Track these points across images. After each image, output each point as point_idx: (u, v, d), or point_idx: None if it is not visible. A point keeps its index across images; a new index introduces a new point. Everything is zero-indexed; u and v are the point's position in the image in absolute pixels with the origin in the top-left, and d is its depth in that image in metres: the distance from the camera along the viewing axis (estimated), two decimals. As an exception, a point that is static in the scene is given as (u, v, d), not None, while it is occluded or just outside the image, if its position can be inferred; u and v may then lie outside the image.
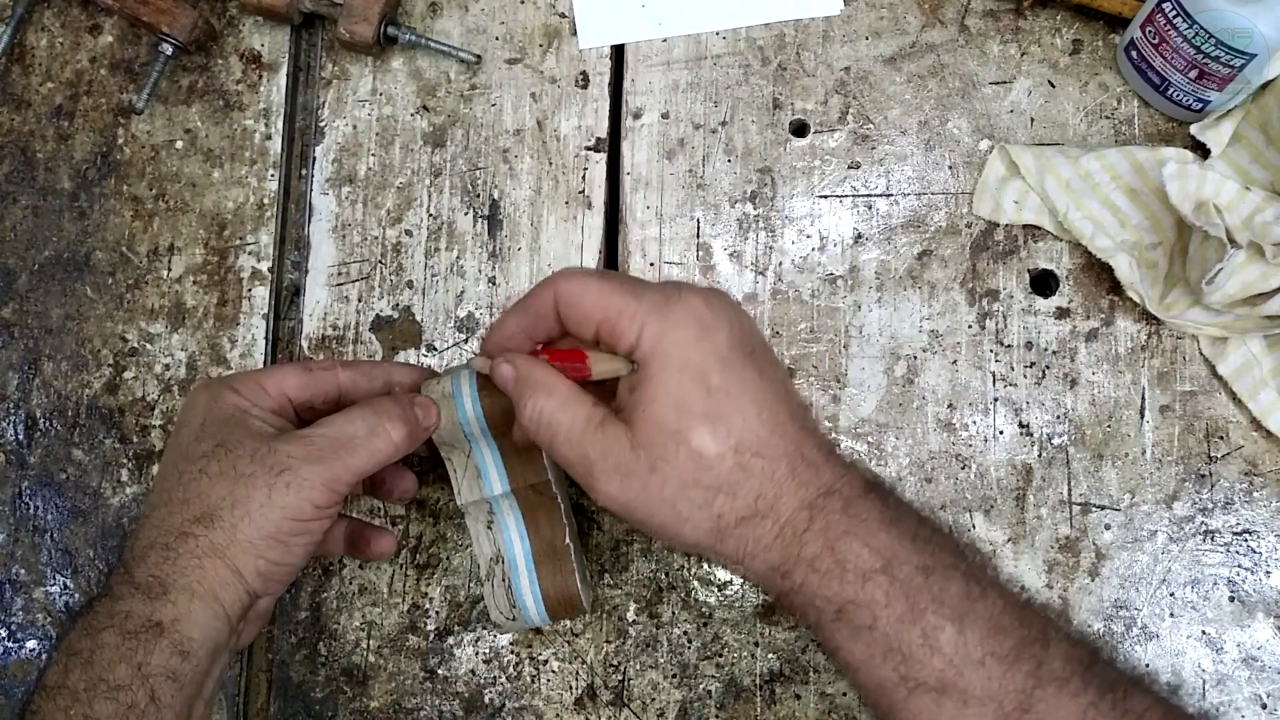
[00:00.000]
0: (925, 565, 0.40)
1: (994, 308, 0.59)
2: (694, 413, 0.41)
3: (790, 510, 0.42)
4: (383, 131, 0.62)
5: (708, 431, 0.41)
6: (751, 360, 0.43)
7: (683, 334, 0.42)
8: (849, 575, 0.40)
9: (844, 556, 0.40)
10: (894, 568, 0.40)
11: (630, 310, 0.42)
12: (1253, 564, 0.56)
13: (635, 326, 0.42)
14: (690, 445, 0.41)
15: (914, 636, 0.39)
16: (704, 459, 0.41)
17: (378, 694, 0.57)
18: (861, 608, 0.40)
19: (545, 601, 0.51)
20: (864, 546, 0.40)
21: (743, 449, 0.42)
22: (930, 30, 0.62)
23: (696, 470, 0.41)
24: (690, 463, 0.41)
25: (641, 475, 0.42)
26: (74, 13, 0.64)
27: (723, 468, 0.41)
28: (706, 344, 0.42)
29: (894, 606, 0.40)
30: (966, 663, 0.39)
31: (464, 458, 0.51)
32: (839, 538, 0.41)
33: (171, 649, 0.42)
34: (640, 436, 0.42)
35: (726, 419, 0.42)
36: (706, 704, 0.56)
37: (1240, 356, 0.57)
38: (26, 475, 0.59)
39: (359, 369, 0.51)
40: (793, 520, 0.41)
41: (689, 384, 0.42)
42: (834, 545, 0.41)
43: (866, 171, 0.61)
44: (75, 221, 0.61)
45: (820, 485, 0.42)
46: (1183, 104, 0.58)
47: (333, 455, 0.45)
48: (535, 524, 0.51)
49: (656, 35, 0.63)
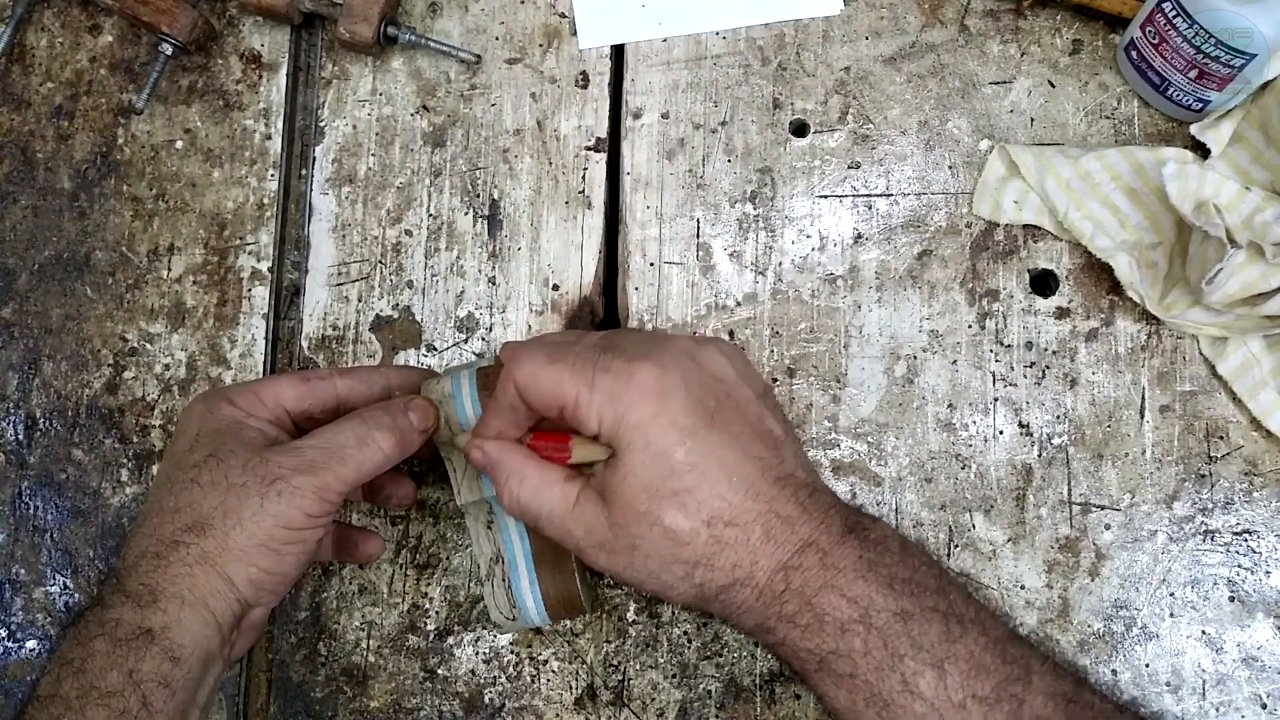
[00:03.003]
0: (903, 610, 0.41)
1: (994, 308, 0.59)
2: (662, 493, 0.42)
3: (767, 574, 0.42)
4: (383, 131, 0.62)
5: (678, 510, 0.42)
6: (714, 422, 0.43)
7: (640, 413, 0.42)
8: (827, 628, 0.41)
9: (822, 610, 0.41)
10: (871, 616, 0.41)
11: (584, 399, 0.43)
12: (1253, 564, 0.56)
13: (594, 415, 0.43)
14: (664, 524, 0.42)
15: (894, 683, 0.40)
16: (678, 536, 0.42)
17: (377, 694, 0.57)
18: (841, 658, 0.41)
19: (545, 601, 0.51)
20: (841, 598, 0.41)
21: (714, 521, 0.42)
22: (930, 30, 0.62)
23: (674, 547, 0.42)
24: (666, 540, 0.42)
25: (624, 552, 0.43)
26: (74, 13, 0.64)
27: (698, 542, 0.42)
28: (665, 418, 0.42)
29: (872, 655, 0.40)
30: (947, 706, 0.39)
31: (463, 458, 0.51)
32: (816, 593, 0.41)
33: (162, 656, 0.42)
34: (616, 517, 0.43)
35: (695, 493, 0.42)
36: (706, 704, 0.56)
37: (1240, 356, 0.57)
38: (26, 475, 0.59)
39: (357, 376, 0.51)
40: (770, 584, 0.42)
41: (653, 465, 0.42)
42: (811, 601, 0.41)
43: (866, 171, 0.61)
44: (75, 221, 0.62)
45: (796, 541, 0.42)
46: (1183, 104, 0.58)
47: (323, 465, 0.45)
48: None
49: (656, 35, 0.63)
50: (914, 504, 0.58)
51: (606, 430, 0.43)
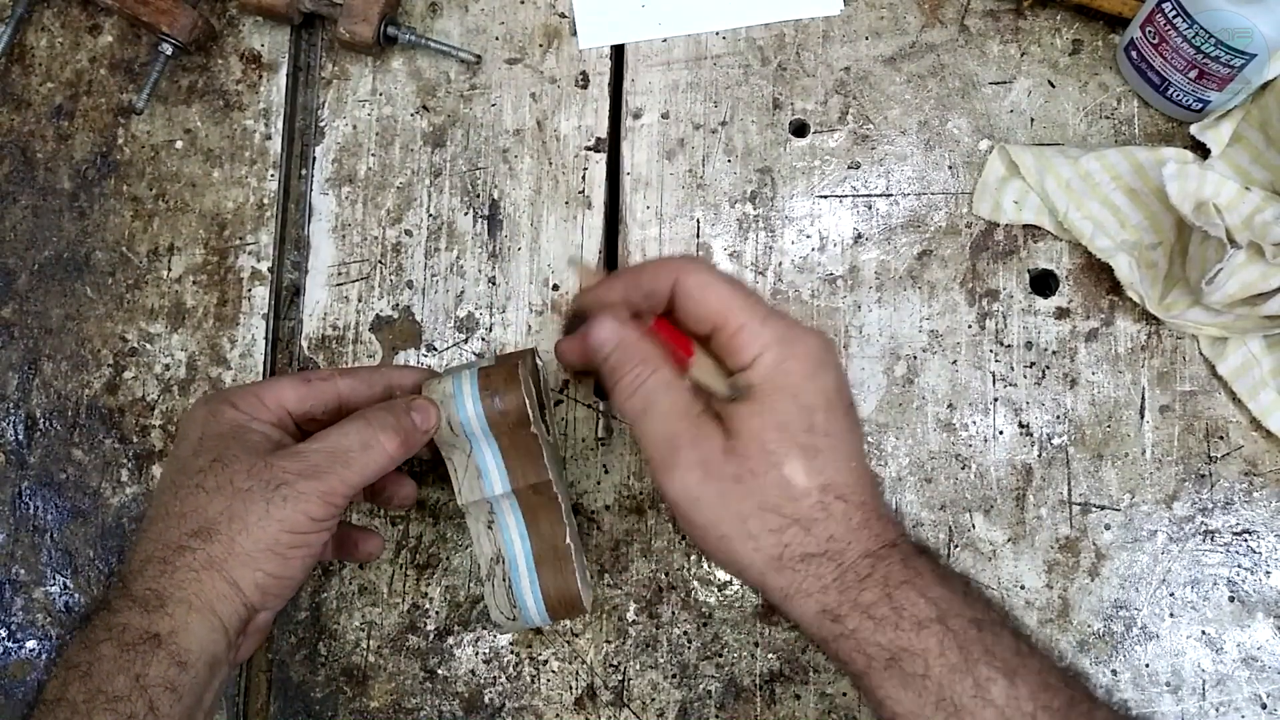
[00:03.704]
0: (978, 619, 0.41)
1: (994, 308, 0.59)
2: (796, 441, 0.42)
3: (855, 556, 0.42)
4: (383, 131, 0.62)
5: (802, 464, 0.42)
6: (850, 411, 0.44)
7: (800, 367, 0.43)
8: (905, 623, 0.41)
9: (901, 605, 0.41)
10: (948, 619, 0.41)
11: (755, 329, 0.43)
12: (1252, 564, 0.56)
13: (757, 346, 0.43)
14: (782, 471, 0.42)
15: (966, 687, 0.39)
16: (791, 487, 0.42)
17: (377, 694, 0.57)
18: (915, 656, 0.40)
19: (546, 601, 0.51)
20: (920, 597, 0.41)
21: (828, 490, 0.42)
22: (930, 30, 0.62)
23: (780, 497, 0.42)
24: (777, 488, 0.42)
25: (725, 481, 0.42)
26: (74, 13, 0.64)
27: (806, 502, 0.42)
28: (818, 384, 0.43)
29: (948, 656, 0.40)
30: (1018, 715, 0.39)
31: (465, 457, 0.51)
32: (897, 587, 0.41)
33: (169, 660, 0.42)
34: (737, 445, 0.42)
35: (822, 455, 0.42)
36: (706, 704, 0.56)
37: (1240, 356, 0.57)
38: (26, 475, 0.59)
39: (358, 376, 0.51)
40: (855, 565, 0.42)
41: (796, 414, 0.42)
42: (891, 594, 0.41)
43: (866, 171, 0.61)
44: (75, 221, 0.62)
45: (886, 539, 0.43)
46: (1183, 104, 0.58)
47: (328, 470, 0.45)
48: (536, 524, 0.51)
49: (656, 35, 0.63)
50: (914, 504, 0.58)
51: (763, 366, 0.43)
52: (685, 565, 0.57)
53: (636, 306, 0.46)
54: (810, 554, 0.42)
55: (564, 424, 0.59)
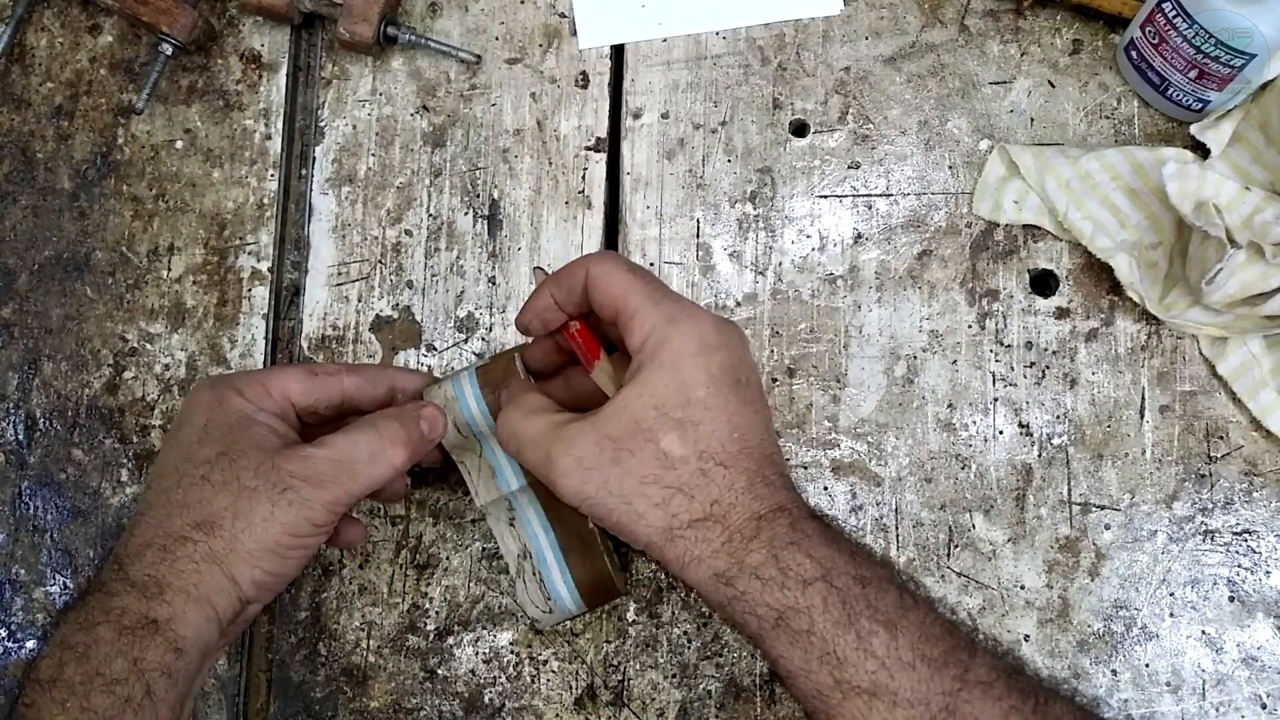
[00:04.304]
0: (862, 576, 0.42)
1: (994, 308, 0.59)
2: (670, 417, 0.44)
3: (741, 519, 0.43)
4: (382, 131, 0.62)
5: (677, 435, 0.43)
6: (738, 388, 0.45)
7: (681, 345, 0.44)
8: (790, 582, 0.42)
9: (787, 565, 0.42)
10: (833, 576, 0.42)
11: (644, 313, 0.45)
12: (1252, 564, 0.56)
13: (644, 329, 0.45)
14: (659, 444, 0.43)
15: (849, 640, 0.41)
16: (669, 458, 0.43)
17: (377, 694, 0.57)
18: (800, 613, 0.41)
19: (580, 589, 0.51)
20: (806, 557, 0.42)
21: (706, 457, 0.44)
22: (930, 30, 0.62)
23: (659, 468, 0.43)
24: (654, 460, 0.43)
25: (603, 468, 0.44)
26: (74, 13, 0.64)
27: (685, 470, 0.43)
28: (700, 361, 0.44)
29: (831, 612, 0.41)
30: (897, 665, 0.40)
31: (476, 458, 0.51)
32: (783, 548, 0.42)
33: (166, 646, 0.43)
34: (612, 429, 0.44)
35: (699, 428, 0.44)
36: (706, 704, 0.56)
37: (1240, 356, 0.57)
38: (26, 475, 0.59)
39: (364, 374, 0.51)
40: (741, 528, 0.43)
41: (673, 391, 0.44)
42: (778, 554, 0.42)
43: (866, 171, 0.61)
44: (75, 221, 0.62)
45: (773, 503, 0.44)
46: (1182, 104, 0.58)
47: (333, 479, 0.46)
48: (557, 513, 0.51)
49: (656, 35, 0.63)
50: (914, 504, 0.58)
51: (648, 345, 0.45)
52: (685, 565, 0.57)
53: (565, 305, 0.48)
54: (696, 519, 0.43)
55: (564, 424, 0.59)
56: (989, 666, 0.41)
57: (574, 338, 0.49)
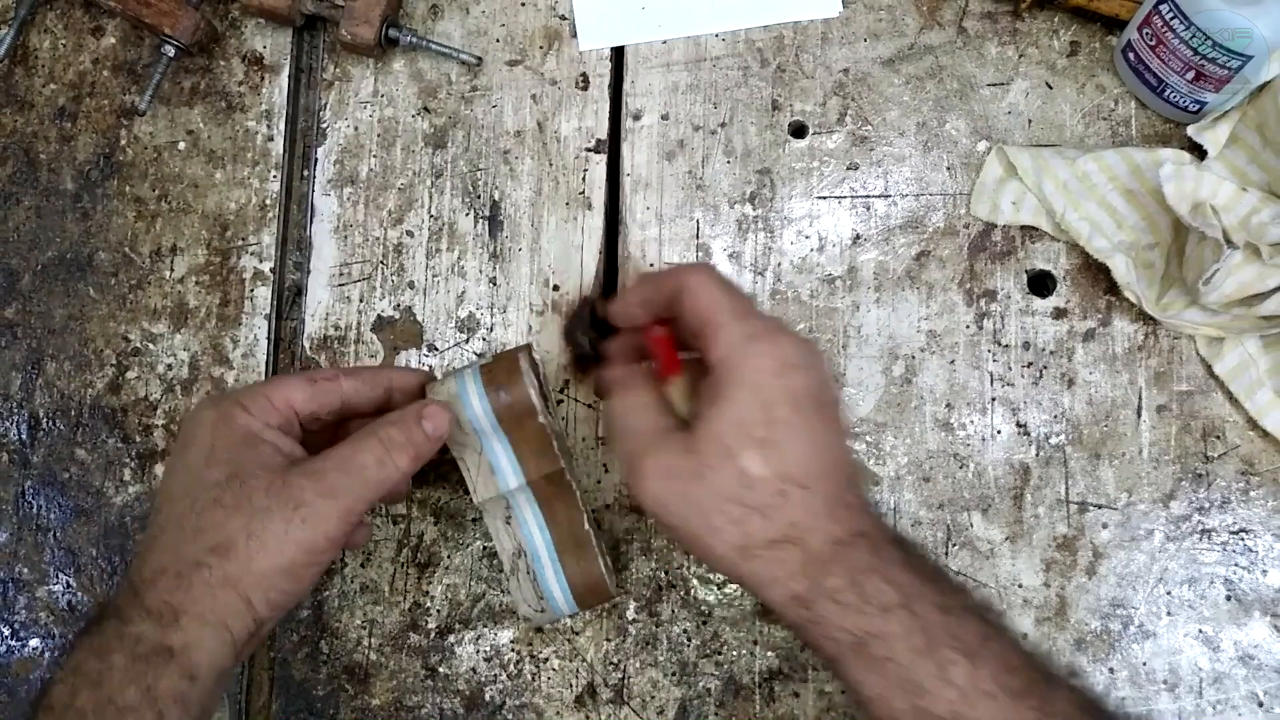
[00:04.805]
0: (944, 604, 0.42)
1: (991, 308, 0.60)
2: (752, 436, 0.44)
3: (819, 543, 0.43)
4: (384, 133, 0.63)
5: (759, 455, 0.43)
6: (819, 410, 0.45)
7: (762, 364, 0.44)
8: (869, 608, 0.42)
9: (866, 591, 0.42)
10: (914, 603, 0.42)
11: (727, 328, 0.45)
12: (1249, 563, 0.57)
13: (724, 345, 0.45)
14: (739, 463, 0.43)
15: (929, 668, 0.41)
16: (748, 477, 0.43)
17: (379, 692, 0.57)
18: (880, 640, 0.41)
19: (573, 590, 0.51)
20: (886, 583, 0.42)
21: (786, 478, 0.43)
22: (928, 32, 0.62)
23: (738, 487, 0.43)
24: (734, 479, 0.43)
25: (685, 480, 0.44)
26: (77, 15, 0.64)
27: (763, 490, 0.43)
28: (781, 381, 0.44)
29: (912, 639, 0.41)
30: (978, 695, 0.40)
31: (476, 456, 0.51)
32: (863, 573, 0.42)
33: (180, 673, 0.43)
34: (695, 444, 0.44)
35: (779, 448, 0.44)
36: (706, 702, 0.56)
37: (1237, 356, 0.57)
38: (30, 475, 0.59)
39: (361, 377, 0.52)
40: (819, 552, 0.43)
41: (754, 410, 0.44)
42: (857, 579, 0.42)
43: (865, 173, 0.61)
44: (78, 222, 0.62)
45: (852, 527, 0.44)
46: (1180, 105, 0.59)
47: (345, 489, 0.46)
48: (553, 514, 0.51)
49: (656, 37, 0.63)
50: (912, 503, 0.58)
51: (726, 364, 0.45)
52: (685, 564, 0.58)
53: (654, 307, 0.49)
54: (773, 540, 0.43)
55: (564, 424, 0.59)
56: (1067, 700, 0.41)
57: (654, 343, 0.49)
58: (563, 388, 0.59)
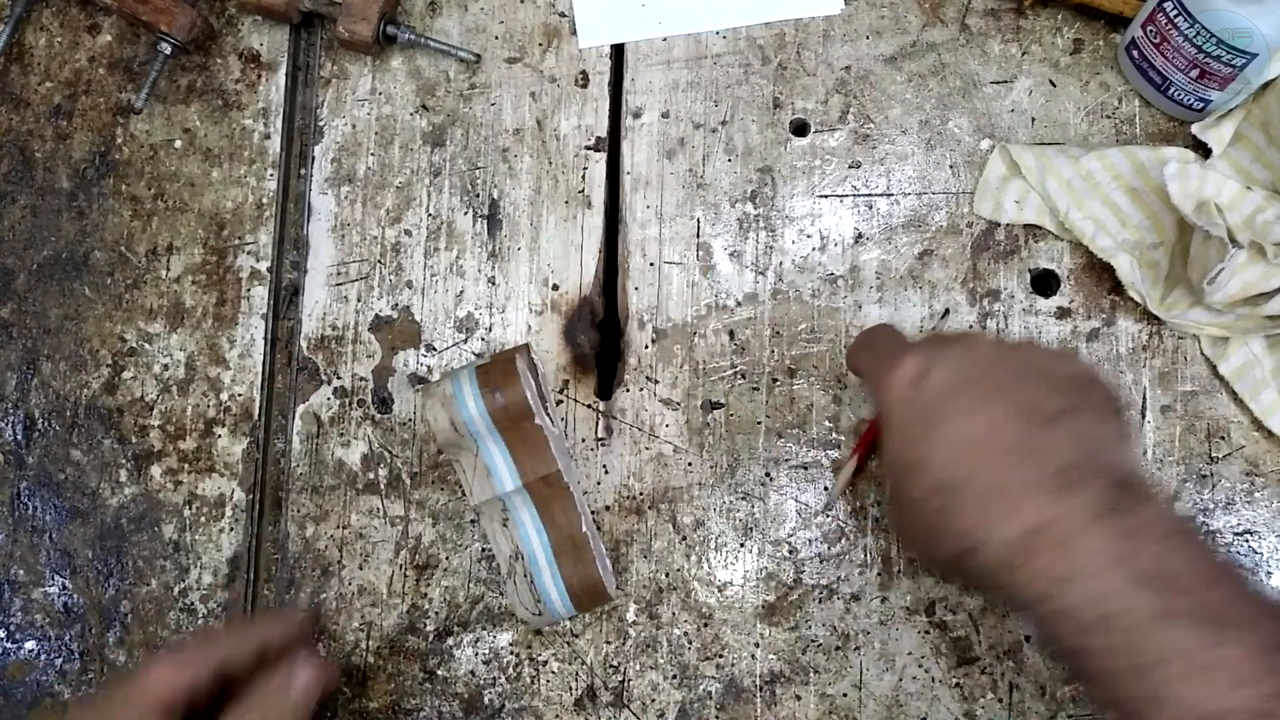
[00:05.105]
0: (1154, 614, 0.38)
1: (995, 308, 0.59)
2: (901, 465, 0.45)
3: (997, 547, 0.41)
4: (382, 131, 0.62)
5: (913, 481, 0.44)
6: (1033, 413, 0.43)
7: (888, 398, 0.46)
8: (1065, 625, 0.40)
9: (1062, 605, 0.40)
10: (1112, 619, 0.38)
11: (877, 382, 0.47)
12: (1254, 564, 0.56)
13: (873, 397, 0.50)
14: (908, 495, 0.45)
15: (1139, 692, 0.38)
16: (915, 504, 0.45)
17: (377, 695, 0.57)
18: (1082, 655, 0.39)
19: (570, 592, 0.51)
20: (1081, 596, 0.39)
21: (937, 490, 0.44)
22: (931, 29, 0.62)
23: (913, 511, 0.45)
24: (910, 505, 0.45)
25: (893, 508, 0.48)
26: (72, 12, 0.63)
27: (929, 509, 0.44)
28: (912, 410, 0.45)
29: (1117, 660, 0.38)
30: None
31: (472, 458, 0.51)
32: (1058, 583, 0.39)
33: None
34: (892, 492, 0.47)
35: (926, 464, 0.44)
36: (706, 705, 0.56)
37: (1241, 356, 0.57)
38: (25, 476, 0.59)
39: (232, 638, 0.49)
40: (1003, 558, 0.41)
41: (891, 441, 0.46)
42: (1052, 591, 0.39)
43: (867, 171, 0.61)
44: (74, 221, 0.61)
45: (1033, 519, 0.40)
46: (1184, 103, 0.58)
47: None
48: (550, 516, 0.51)
49: (656, 34, 0.62)
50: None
51: (879, 411, 0.47)
52: (685, 566, 0.57)
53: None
54: (967, 549, 0.42)
55: (564, 424, 0.59)
56: None
57: (869, 429, 0.55)
58: (562, 388, 0.59)
